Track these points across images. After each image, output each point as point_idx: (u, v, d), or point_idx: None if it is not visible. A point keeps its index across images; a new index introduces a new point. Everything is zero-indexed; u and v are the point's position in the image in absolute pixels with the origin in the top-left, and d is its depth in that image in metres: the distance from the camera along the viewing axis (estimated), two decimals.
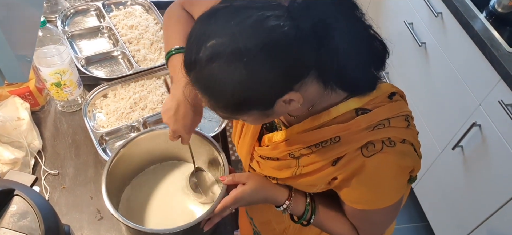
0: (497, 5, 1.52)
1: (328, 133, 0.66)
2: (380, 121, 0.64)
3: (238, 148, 0.84)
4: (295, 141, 0.70)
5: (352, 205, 0.72)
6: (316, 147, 0.68)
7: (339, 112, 0.66)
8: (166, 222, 0.87)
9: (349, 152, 0.65)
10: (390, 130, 0.64)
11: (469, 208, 1.61)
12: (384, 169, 0.65)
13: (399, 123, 0.65)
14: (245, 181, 0.79)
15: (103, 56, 1.27)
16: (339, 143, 0.65)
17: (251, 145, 0.79)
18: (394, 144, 0.63)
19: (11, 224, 0.65)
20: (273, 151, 0.74)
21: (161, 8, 1.46)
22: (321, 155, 0.68)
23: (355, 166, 0.65)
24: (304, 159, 0.70)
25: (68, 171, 1.01)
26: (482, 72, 1.45)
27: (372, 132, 0.63)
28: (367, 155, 0.63)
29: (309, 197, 0.79)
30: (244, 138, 0.80)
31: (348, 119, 0.65)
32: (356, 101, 0.65)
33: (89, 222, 0.92)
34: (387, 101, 0.66)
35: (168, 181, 0.95)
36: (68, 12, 1.39)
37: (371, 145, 0.63)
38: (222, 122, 1.13)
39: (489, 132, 1.45)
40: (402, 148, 0.64)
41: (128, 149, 0.88)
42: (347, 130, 0.64)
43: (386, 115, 0.64)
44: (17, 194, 0.68)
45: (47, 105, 1.15)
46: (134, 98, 1.15)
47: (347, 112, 0.65)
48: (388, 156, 0.63)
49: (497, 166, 1.44)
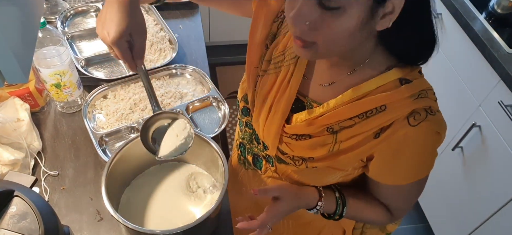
0: (497, 6, 1.52)
1: (373, 102, 0.66)
2: (421, 91, 0.65)
3: (264, 130, 0.79)
4: (336, 114, 0.69)
5: (388, 183, 0.73)
6: (359, 118, 0.67)
7: (382, 82, 0.66)
8: (166, 223, 0.87)
9: (396, 120, 0.65)
10: (429, 101, 0.65)
11: (469, 209, 1.61)
12: (427, 137, 0.65)
13: (432, 96, 0.67)
14: (278, 194, 0.77)
15: (103, 57, 1.27)
16: (385, 112, 0.65)
17: (281, 125, 0.75)
18: (434, 113, 0.65)
19: (10, 225, 0.65)
20: (308, 127, 0.71)
21: (161, 10, 1.46)
22: (363, 126, 0.67)
23: (399, 136, 0.65)
24: (344, 132, 0.69)
25: (68, 172, 1.01)
26: (481, 73, 1.45)
27: (416, 100, 0.64)
28: (413, 124, 0.64)
29: (338, 191, 0.79)
30: (273, 118, 0.76)
31: (392, 88, 0.65)
32: (398, 71, 0.66)
33: (89, 223, 0.92)
34: (419, 76, 0.68)
35: (168, 182, 0.95)
36: (68, 13, 1.39)
37: (417, 114, 0.64)
38: (221, 123, 1.13)
39: (489, 133, 1.45)
40: (439, 117, 0.66)
41: (128, 150, 0.88)
42: (392, 98, 0.65)
43: (424, 86, 0.66)
44: (17, 195, 0.68)
45: (47, 106, 1.15)
46: (134, 99, 1.15)
47: (391, 81, 0.66)
48: (431, 124, 0.64)
49: (497, 167, 1.44)
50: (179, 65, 1.26)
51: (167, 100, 1.17)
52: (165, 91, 1.19)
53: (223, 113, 1.16)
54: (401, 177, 0.72)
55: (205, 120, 1.15)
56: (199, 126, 1.13)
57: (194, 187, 0.93)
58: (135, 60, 0.76)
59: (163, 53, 1.31)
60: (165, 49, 1.32)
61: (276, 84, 0.76)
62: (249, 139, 0.88)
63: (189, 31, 1.44)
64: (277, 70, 0.76)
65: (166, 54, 1.31)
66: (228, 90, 2.67)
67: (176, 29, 1.42)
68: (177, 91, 1.20)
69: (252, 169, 0.91)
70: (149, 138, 0.83)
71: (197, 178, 0.95)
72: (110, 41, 0.72)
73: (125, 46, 0.74)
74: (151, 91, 0.81)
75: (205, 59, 1.34)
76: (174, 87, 1.22)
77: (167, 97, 1.18)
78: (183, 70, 1.26)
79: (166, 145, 0.83)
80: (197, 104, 1.17)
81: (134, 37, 0.74)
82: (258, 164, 0.89)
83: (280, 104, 0.75)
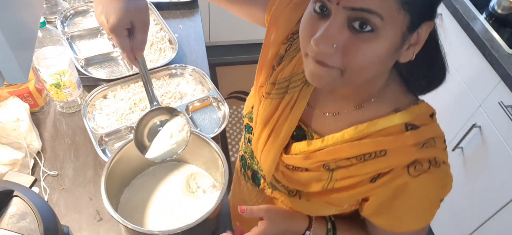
0: (497, 6, 1.52)
1: (373, 145, 0.61)
2: (427, 139, 0.60)
3: (262, 156, 0.76)
4: (334, 151, 0.65)
5: (383, 227, 0.69)
6: (357, 160, 0.63)
7: (387, 124, 0.62)
8: (165, 223, 0.87)
9: (395, 168, 0.61)
10: (435, 150, 0.61)
11: (469, 210, 1.60)
12: (428, 190, 0.62)
13: (441, 144, 0.62)
14: (264, 215, 0.75)
15: (102, 57, 1.27)
16: (385, 157, 0.61)
17: (279, 153, 0.72)
18: (439, 165, 0.60)
19: (10, 225, 0.65)
20: (305, 160, 0.68)
21: (161, 9, 1.46)
22: (360, 169, 0.63)
23: (397, 184, 0.61)
24: (340, 171, 0.65)
25: (68, 172, 1.01)
26: (482, 73, 1.45)
27: (421, 149, 0.60)
28: (413, 175, 0.60)
29: (330, 222, 0.75)
30: (272, 145, 0.73)
31: (396, 133, 0.61)
32: (405, 115, 0.62)
33: (88, 223, 0.92)
34: (430, 121, 0.63)
35: (167, 182, 0.95)
36: (67, 13, 1.39)
37: (419, 164, 0.59)
38: (221, 123, 1.13)
39: (489, 134, 1.45)
40: (445, 169, 0.62)
41: (128, 150, 0.88)
42: (395, 144, 0.60)
43: (432, 135, 0.61)
44: (16, 195, 0.68)
45: (46, 106, 1.15)
46: (134, 99, 1.15)
47: (396, 125, 0.62)
48: (433, 177, 0.60)
49: (497, 168, 1.44)
50: (179, 65, 1.26)
51: (167, 100, 1.17)
52: (165, 91, 1.19)
53: (223, 113, 1.16)
54: (397, 225, 0.68)
55: (205, 120, 1.15)
56: (199, 126, 1.13)
57: (194, 187, 0.93)
58: (134, 51, 0.71)
59: (163, 53, 1.31)
60: (165, 49, 1.32)
61: (278, 110, 0.73)
62: (250, 155, 0.86)
63: (189, 31, 1.44)
64: (280, 96, 0.73)
65: (166, 54, 1.31)
66: (228, 90, 2.67)
67: (176, 29, 1.42)
68: (177, 91, 1.20)
69: (251, 184, 0.89)
70: (144, 135, 0.80)
71: (197, 178, 0.95)
72: (109, 28, 0.67)
73: (124, 34, 0.68)
74: (149, 85, 0.76)
75: (205, 59, 1.34)
76: (174, 87, 1.22)
77: (167, 97, 1.18)
78: (183, 70, 1.26)
79: (157, 146, 0.80)
80: (197, 104, 1.17)
81: (135, 26, 0.69)
82: (256, 181, 0.86)
83: (281, 131, 0.72)
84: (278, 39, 0.74)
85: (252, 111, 0.81)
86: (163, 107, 0.80)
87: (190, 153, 0.96)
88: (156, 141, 0.80)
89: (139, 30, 0.69)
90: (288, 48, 0.74)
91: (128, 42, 0.70)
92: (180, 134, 0.81)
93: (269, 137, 0.74)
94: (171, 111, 0.81)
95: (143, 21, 0.70)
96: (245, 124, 0.85)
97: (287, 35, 0.74)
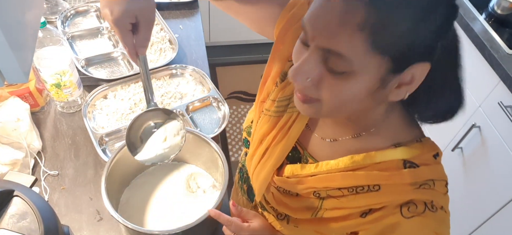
0: (497, 7, 1.52)
1: (367, 179, 0.58)
2: (426, 181, 0.57)
3: (254, 174, 0.74)
4: (326, 178, 0.62)
5: None
6: (348, 191, 0.60)
7: (384, 158, 0.59)
8: (165, 223, 0.87)
9: (387, 205, 0.58)
10: (433, 193, 0.57)
11: (469, 210, 1.61)
12: (421, 234, 0.57)
13: (441, 188, 0.58)
14: (252, 219, 0.74)
15: (103, 57, 1.27)
16: (378, 193, 0.58)
17: (271, 173, 0.70)
18: (436, 209, 0.56)
19: (10, 225, 0.65)
20: (297, 185, 0.66)
21: (161, 9, 1.46)
22: (351, 201, 0.60)
23: (388, 223, 0.57)
24: (330, 201, 0.63)
25: (68, 172, 1.01)
26: (481, 73, 1.45)
27: (418, 190, 0.56)
28: (406, 216, 0.56)
29: None
30: (265, 163, 0.70)
31: (393, 169, 0.58)
32: (405, 151, 0.58)
33: (88, 223, 0.92)
34: (433, 161, 0.59)
35: (167, 182, 0.95)
36: (68, 13, 1.39)
37: (413, 206, 0.56)
38: (221, 123, 1.13)
39: (489, 134, 1.45)
40: (441, 215, 0.57)
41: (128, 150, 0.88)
42: (390, 180, 0.57)
43: (432, 176, 0.58)
44: (17, 195, 0.68)
45: (47, 106, 1.15)
46: (134, 99, 1.15)
47: (393, 160, 0.58)
48: (428, 221, 0.56)
49: (497, 168, 1.44)
50: (179, 65, 1.26)
51: (167, 100, 1.17)
52: (165, 91, 1.19)
53: (223, 113, 1.16)
54: None
55: (205, 120, 1.15)
56: (199, 126, 1.13)
57: (194, 187, 0.93)
58: (137, 48, 0.69)
59: (163, 53, 1.31)
60: (165, 49, 1.32)
61: (275, 129, 0.70)
62: (247, 169, 0.84)
63: (189, 31, 1.44)
64: (279, 114, 0.71)
65: (166, 54, 1.31)
66: (228, 90, 2.67)
67: (176, 29, 1.42)
68: (177, 91, 1.20)
69: (245, 198, 0.88)
70: (138, 136, 0.78)
71: (197, 178, 0.95)
72: (112, 20, 0.65)
73: (128, 29, 0.67)
74: (149, 85, 0.74)
75: (205, 59, 1.34)
76: (174, 87, 1.22)
77: (167, 97, 1.18)
78: (183, 70, 1.26)
79: (149, 148, 0.78)
80: (197, 104, 1.17)
81: (140, 21, 0.67)
82: (251, 196, 0.85)
83: (275, 151, 0.69)
84: (284, 55, 0.72)
85: (251, 126, 0.80)
86: (160, 108, 0.79)
87: (190, 153, 0.96)
88: (149, 143, 0.78)
89: (144, 26, 0.68)
90: None
91: (131, 37, 0.68)
92: (174, 138, 0.79)
93: (263, 156, 0.72)
94: (168, 113, 0.80)
95: (148, 17, 0.68)
96: (243, 138, 0.83)
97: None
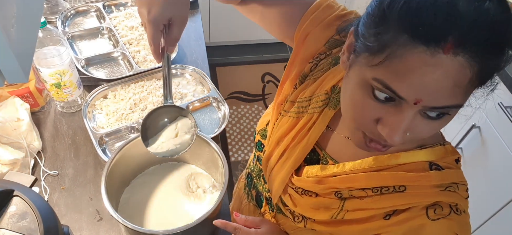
0: None
1: (393, 179, 0.58)
2: (451, 183, 0.57)
3: (271, 175, 0.73)
4: (349, 179, 0.61)
5: None
6: (373, 192, 0.59)
7: (409, 159, 0.58)
8: (165, 223, 0.87)
9: (413, 207, 0.57)
10: (458, 196, 0.57)
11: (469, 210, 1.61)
12: None
13: (463, 192, 0.58)
14: (259, 225, 0.73)
15: (103, 57, 1.27)
16: (403, 194, 0.57)
17: (289, 174, 0.69)
18: (460, 213, 0.56)
19: (10, 224, 0.65)
20: (317, 185, 0.65)
21: None
22: (375, 202, 0.59)
23: (412, 225, 0.57)
24: (352, 202, 0.61)
25: (68, 172, 1.01)
26: None
27: (443, 192, 0.56)
28: (432, 218, 0.56)
29: None
30: (283, 164, 0.70)
31: (419, 170, 0.58)
32: (430, 153, 0.58)
33: (88, 223, 0.92)
34: (455, 165, 0.59)
35: (167, 182, 0.95)
36: (68, 13, 1.39)
37: (439, 208, 0.56)
38: (221, 124, 1.13)
39: (489, 134, 1.45)
40: (465, 219, 0.57)
41: (128, 150, 0.88)
42: (416, 182, 0.57)
43: (456, 179, 0.58)
44: (17, 195, 0.68)
45: (47, 106, 1.15)
46: (134, 99, 1.15)
47: (419, 162, 0.58)
48: (453, 224, 0.56)
49: (497, 168, 1.44)
50: (179, 65, 1.26)
51: None
52: None
53: (223, 113, 1.16)
54: None
55: (205, 120, 1.15)
56: (199, 126, 1.13)
57: (193, 187, 0.93)
58: (167, 46, 0.72)
59: None
60: None
61: (294, 129, 0.70)
62: (258, 174, 0.84)
63: (189, 31, 1.44)
64: (299, 115, 0.70)
65: None
66: (228, 90, 2.67)
67: None
68: (177, 91, 1.20)
69: (253, 204, 0.88)
70: (151, 128, 0.81)
71: (196, 178, 0.95)
72: (149, 19, 0.67)
73: (160, 28, 0.69)
74: (169, 82, 0.78)
75: (205, 59, 1.34)
76: (174, 87, 1.22)
77: None
78: (183, 70, 1.26)
79: (161, 141, 0.80)
80: (197, 104, 1.17)
81: (173, 24, 0.70)
82: (259, 202, 0.84)
83: (294, 152, 0.69)
84: (304, 57, 0.72)
85: (266, 128, 0.79)
86: (175, 106, 0.80)
87: (190, 153, 0.96)
88: (162, 137, 0.81)
89: (177, 25, 0.70)
90: (313, 68, 0.71)
91: (160, 36, 0.71)
92: (185, 135, 0.81)
93: (281, 156, 0.71)
94: (181, 111, 0.82)
95: (182, 17, 0.71)
96: (257, 141, 0.82)
97: (314, 54, 0.71)
